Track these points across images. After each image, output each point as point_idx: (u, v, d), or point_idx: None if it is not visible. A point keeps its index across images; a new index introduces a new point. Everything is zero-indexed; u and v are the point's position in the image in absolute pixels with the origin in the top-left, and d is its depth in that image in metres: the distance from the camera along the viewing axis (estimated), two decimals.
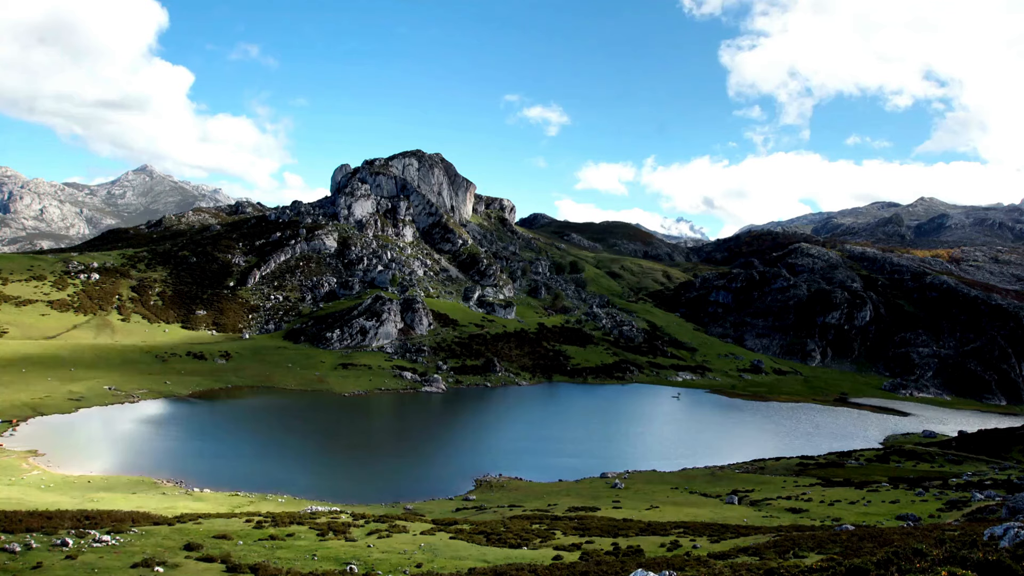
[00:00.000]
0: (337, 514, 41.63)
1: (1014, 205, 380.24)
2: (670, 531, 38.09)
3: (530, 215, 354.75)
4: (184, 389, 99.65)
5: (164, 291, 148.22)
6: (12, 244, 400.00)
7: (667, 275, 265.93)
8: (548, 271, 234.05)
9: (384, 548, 31.14)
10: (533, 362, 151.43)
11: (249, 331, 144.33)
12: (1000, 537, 16.11)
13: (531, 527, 39.58)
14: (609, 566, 26.10)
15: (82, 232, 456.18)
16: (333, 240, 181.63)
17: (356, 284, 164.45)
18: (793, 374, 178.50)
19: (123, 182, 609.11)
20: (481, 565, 28.25)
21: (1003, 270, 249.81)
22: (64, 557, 23.92)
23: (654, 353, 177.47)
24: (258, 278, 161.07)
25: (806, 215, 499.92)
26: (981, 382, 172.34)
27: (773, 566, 14.88)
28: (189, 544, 27.90)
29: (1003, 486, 54.53)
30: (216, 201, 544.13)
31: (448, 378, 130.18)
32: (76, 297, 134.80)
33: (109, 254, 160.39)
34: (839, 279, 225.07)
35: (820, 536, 32.01)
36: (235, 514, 40.09)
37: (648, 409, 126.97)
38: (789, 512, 48.65)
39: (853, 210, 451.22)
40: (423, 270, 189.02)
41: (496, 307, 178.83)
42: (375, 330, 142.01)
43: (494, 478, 66.98)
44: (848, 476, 66.65)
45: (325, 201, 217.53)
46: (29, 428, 72.66)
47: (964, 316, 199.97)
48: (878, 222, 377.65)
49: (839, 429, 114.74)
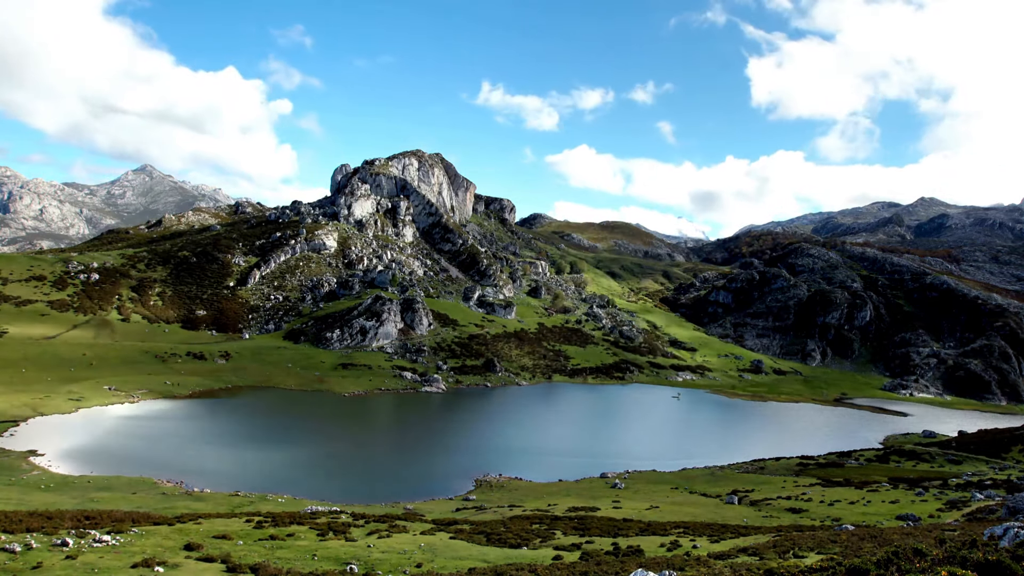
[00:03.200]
0: (337, 514, 41.62)
1: (1014, 205, 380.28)
2: (670, 531, 38.10)
3: (530, 215, 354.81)
4: (184, 389, 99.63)
5: (164, 291, 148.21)
6: (12, 244, 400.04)
7: (667, 275, 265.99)
8: (548, 271, 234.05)
9: (384, 548, 31.13)
10: (533, 362, 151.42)
11: (249, 331, 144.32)
12: (1000, 537, 16.10)
13: (531, 527, 39.57)
14: (609, 566, 26.10)
15: (82, 232, 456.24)
16: (333, 240, 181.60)
17: (356, 284, 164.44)
18: (793, 374, 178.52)
19: (123, 182, 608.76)
20: (481, 565, 28.25)
21: (1003, 270, 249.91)
22: (64, 557, 23.91)
23: (654, 353, 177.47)
24: (258, 278, 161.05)
25: (806, 215, 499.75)
26: (981, 382, 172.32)
27: (773, 566, 14.88)
28: (189, 544, 27.89)
29: (1003, 486, 54.54)
30: (216, 201, 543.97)
31: (448, 378, 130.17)
32: (76, 297, 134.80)
33: (109, 254, 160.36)
34: (839, 279, 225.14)
35: (820, 536, 32.01)
36: (235, 514, 40.08)
37: (648, 409, 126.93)
38: (789, 512, 48.66)
39: (853, 210, 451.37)
40: (423, 270, 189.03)
41: (496, 307, 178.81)
42: (375, 330, 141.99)
43: (494, 478, 66.97)
44: (848, 476, 66.64)
45: (325, 201, 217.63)
46: (29, 428, 72.64)
47: (964, 316, 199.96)
48: (878, 222, 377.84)
49: (839, 429, 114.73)
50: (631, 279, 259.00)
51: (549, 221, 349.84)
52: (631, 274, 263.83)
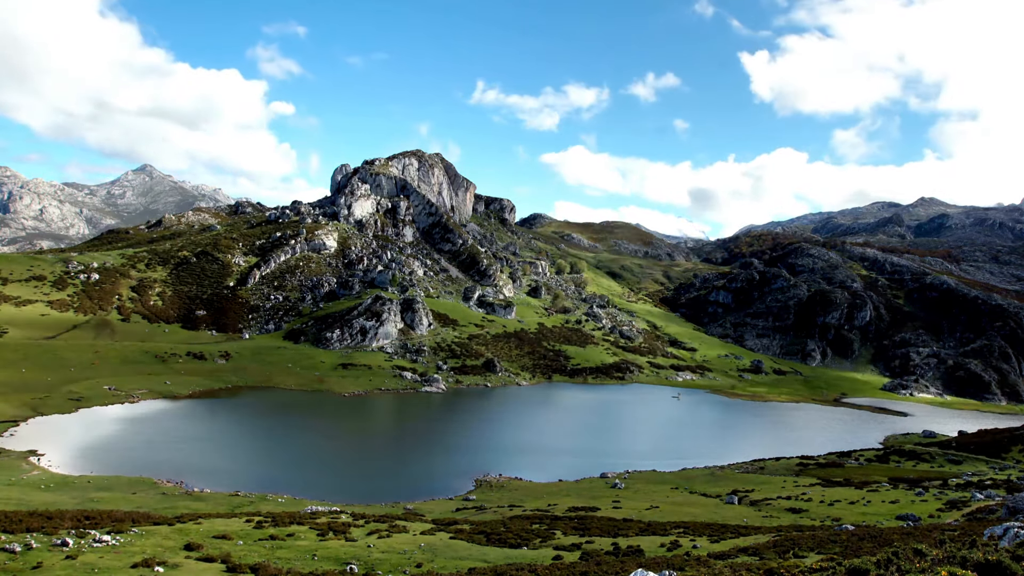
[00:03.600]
0: (337, 514, 41.63)
1: (1014, 205, 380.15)
2: (670, 531, 38.11)
3: (530, 215, 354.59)
4: (184, 389, 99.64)
5: (164, 291, 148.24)
6: (12, 244, 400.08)
7: (667, 275, 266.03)
8: (548, 271, 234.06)
9: (384, 548, 31.14)
10: (533, 362, 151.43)
11: (249, 331, 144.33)
12: (1000, 537, 16.10)
13: (531, 527, 39.57)
14: (609, 566, 26.12)
15: (82, 232, 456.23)
16: (333, 240, 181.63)
17: (356, 284, 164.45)
18: (793, 374, 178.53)
19: (123, 182, 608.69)
20: (481, 565, 28.27)
21: (1003, 270, 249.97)
22: (64, 557, 23.92)
23: (654, 353, 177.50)
24: (258, 278, 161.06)
25: (806, 215, 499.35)
26: (981, 382, 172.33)
27: (773, 566, 14.88)
28: (189, 544, 27.90)
29: (1003, 486, 54.55)
30: (216, 201, 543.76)
31: (448, 378, 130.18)
32: (76, 297, 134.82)
33: (109, 254, 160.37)
34: (839, 279, 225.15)
35: (820, 536, 32.04)
36: (235, 514, 40.09)
37: (648, 409, 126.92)
38: (789, 512, 48.66)
39: (853, 210, 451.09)
40: (423, 270, 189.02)
41: (496, 307, 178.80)
42: (375, 330, 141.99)
43: (494, 478, 66.96)
44: (848, 476, 66.65)
45: (325, 201, 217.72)
46: (29, 428, 72.67)
47: (964, 316, 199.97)
48: (878, 222, 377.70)
49: (839, 429, 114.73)
50: (631, 279, 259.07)
51: (549, 221, 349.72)
52: (631, 274, 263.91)
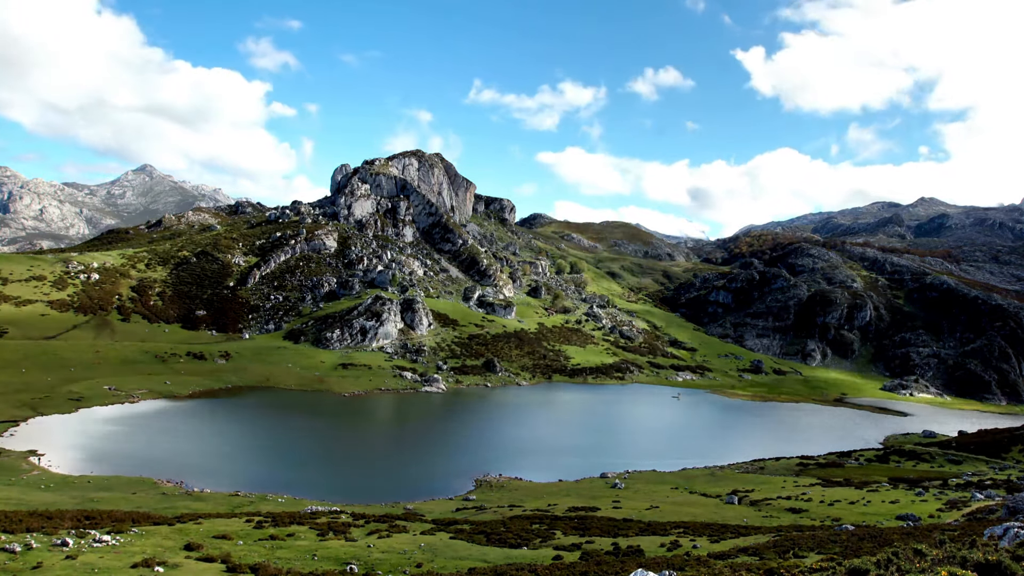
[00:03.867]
0: (337, 514, 41.63)
1: (1014, 205, 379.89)
2: (670, 531, 38.11)
3: (530, 215, 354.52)
4: (184, 389, 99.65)
5: (164, 291, 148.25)
6: (12, 244, 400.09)
7: (667, 275, 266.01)
8: (548, 271, 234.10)
9: (384, 548, 31.15)
10: (533, 362, 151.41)
11: (249, 331, 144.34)
12: (1000, 537, 16.10)
13: (531, 527, 39.57)
14: (609, 566, 26.13)
15: (82, 232, 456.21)
16: (333, 240, 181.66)
17: (356, 284, 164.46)
18: (793, 374, 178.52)
19: (123, 182, 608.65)
20: (481, 565, 28.28)
21: (1003, 270, 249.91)
22: (64, 557, 23.92)
23: (654, 353, 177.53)
24: (258, 278, 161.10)
25: (806, 215, 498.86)
26: (981, 382, 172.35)
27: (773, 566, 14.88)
28: (189, 544, 27.91)
29: (1003, 486, 54.57)
30: (216, 201, 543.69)
31: (448, 378, 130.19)
32: (76, 297, 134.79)
33: (109, 254, 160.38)
34: (839, 279, 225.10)
35: (820, 536, 32.05)
36: (235, 514, 40.10)
37: (648, 409, 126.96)
38: (789, 512, 48.65)
39: (853, 210, 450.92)
40: (423, 270, 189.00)
41: (496, 307, 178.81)
42: (375, 330, 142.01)
43: (494, 478, 66.96)
44: (848, 476, 66.66)
45: (325, 201, 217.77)
46: (29, 428, 72.68)
47: (964, 316, 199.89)
48: (878, 222, 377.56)
49: (839, 429, 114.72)
50: (631, 279, 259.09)
51: (549, 221, 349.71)
52: (631, 274, 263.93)
